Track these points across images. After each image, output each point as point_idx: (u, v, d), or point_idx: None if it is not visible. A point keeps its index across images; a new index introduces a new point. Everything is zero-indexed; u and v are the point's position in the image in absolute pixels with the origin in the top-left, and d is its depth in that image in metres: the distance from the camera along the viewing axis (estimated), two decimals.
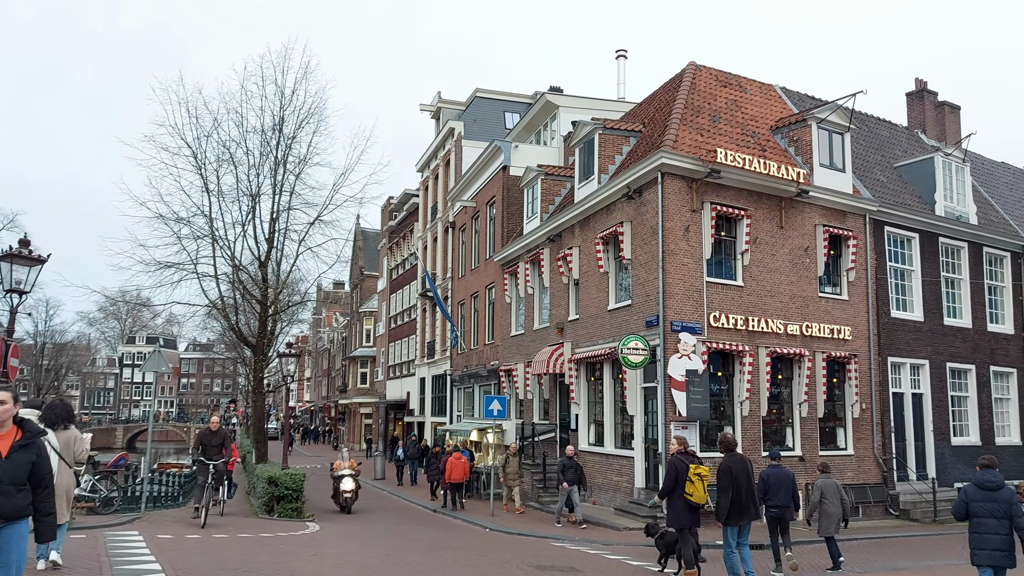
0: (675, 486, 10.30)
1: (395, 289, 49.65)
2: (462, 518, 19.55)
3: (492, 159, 30.05)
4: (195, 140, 27.13)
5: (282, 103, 28.22)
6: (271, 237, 28.42)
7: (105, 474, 14.44)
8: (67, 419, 8.70)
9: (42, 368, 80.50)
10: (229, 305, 29.11)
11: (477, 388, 31.49)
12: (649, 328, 17.97)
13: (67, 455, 8.57)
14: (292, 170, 28.60)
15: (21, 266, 12.45)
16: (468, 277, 33.40)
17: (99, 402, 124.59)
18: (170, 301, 27.07)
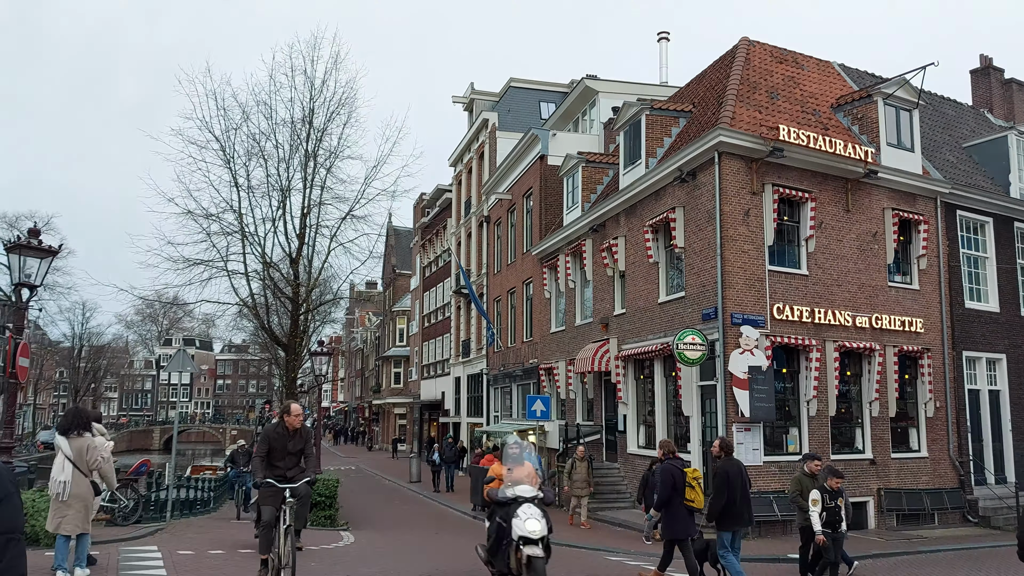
0: (673, 493, 9.89)
1: (428, 287, 48.66)
2: None
3: (529, 149, 28.81)
4: (223, 133, 26.31)
5: (312, 94, 27.25)
6: (302, 233, 27.47)
7: (125, 482, 13.43)
8: (81, 426, 8.25)
9: (80, 371, 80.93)
10: (260, 304, 28.23)
11: (515, 387, 30.29)
12: (706, 321, 16.59)
13: (81, 463, 8.10)
14: (323, 163, 27.63)
15: (31, 258, 11.50)
16: (504, 273, 32.20)
17: (137, 404, 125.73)
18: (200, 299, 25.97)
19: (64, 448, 8.06)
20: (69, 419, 8.35)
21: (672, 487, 9.88)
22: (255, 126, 27.50)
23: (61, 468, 8.07)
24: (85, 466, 8.15)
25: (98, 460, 8.32)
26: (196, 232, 26.15)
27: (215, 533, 13.47)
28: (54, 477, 8.09)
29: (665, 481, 9.97)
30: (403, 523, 18.72)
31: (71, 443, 8.13)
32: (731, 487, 9.63)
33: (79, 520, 8.13)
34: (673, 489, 9.87)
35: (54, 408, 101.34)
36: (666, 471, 10.03)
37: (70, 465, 8.05)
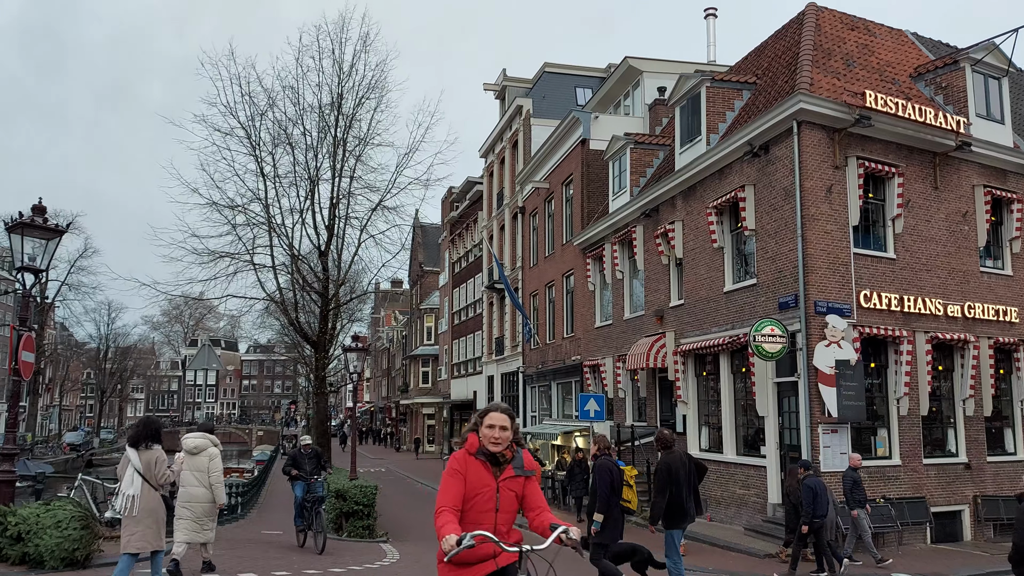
0: (611, 494, 8.86)
1: (458, 284, 47.22)
2: None
3: (568, 133, 27.21)
4: (248, 120, 25.02)
5: (340, 78, 25.87)
6: (331, 224, 26.12)
7: None
8: (151, 437, 7.87)
9: (106, 372, 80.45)
10: (288, 300, 26.92)
11: (555, 386, 28.71)
12: (784, 311, 14.91)
13: (150, 477, 7.74)
14: (352, 151, 26.28)
15: (35, 239, 10.12)
16: (541, 266, 30.63)
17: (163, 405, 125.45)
18: (226, 294, 24.68)
19: (134, 460, 7.69)
20: (139, 430, 7.94)
21: (610, 486, 8.82)
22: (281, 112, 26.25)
23: (130, 482, 7.70)
24: (154, 479, 7.79)
25: (168, 474, 7.94)
26: (221, 224, 24.86)
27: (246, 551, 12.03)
28: (122, 491, 7.74)
29: (603, 479, 8.85)
30: None
31: (141, 455, 7.73)
32: (676, 483, 9.06)
33: (150, 536, 7.68)
34: (611, 488, 8.82)
35: (80, 409, 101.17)
36: (604, 468, 8.94)
37: (139, 478, 7.67)
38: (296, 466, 13.73)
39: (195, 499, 9.08)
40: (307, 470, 13.64)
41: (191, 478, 9.15)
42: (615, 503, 8.90)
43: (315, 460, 14.02)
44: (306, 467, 13.70)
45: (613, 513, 8.83)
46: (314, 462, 13.93)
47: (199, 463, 9.22)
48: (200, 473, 9.14)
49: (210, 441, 9.41)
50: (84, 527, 9.32)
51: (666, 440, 9.71)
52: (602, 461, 9.09)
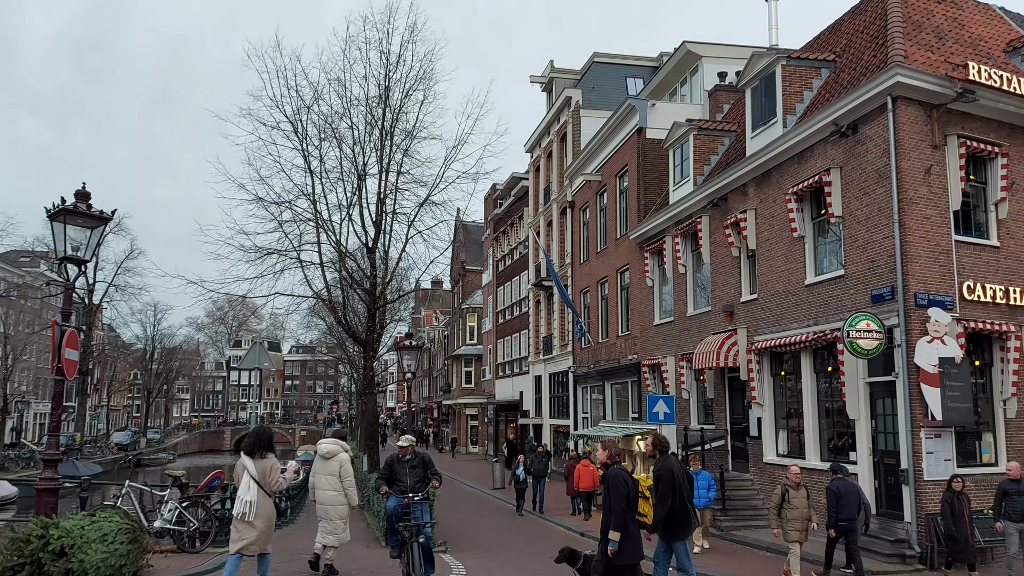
0: (627, 507, 7.84)
1: (502, 282, 46.30)
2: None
3: (623, 122, 26.09)
4: (295, 113, 24.38)
5: (387, 69, 25.11)
6: (378, 220, 25.38)
7: (194, 500, 11.23)
8: (265, 447, 8.34)
9: (152, 372, 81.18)
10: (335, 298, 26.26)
11: (608, 387, 27.61)
12: (878, 304, 13.66)
13: (265, 483, 8.18)
14: (399, 145, 25.51)
15: (79, 227, 9.38)
16: (593, 262, 29.54)
17: (208, 405, 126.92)
18: (273, 292, 24.00)
19: (249, 468, 8.13)
20: (253, 440, 8.37)
21: (627, 499, 7.76)
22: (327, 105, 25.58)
23: (247, 488, 8.10)
24: (268, 486, 8.19)
25: (280, 481, 8.31)
26: (268, 220, 24.25)
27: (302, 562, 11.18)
28: (240, 496, 8.14)
29: (618, 492, 7.74)
30: (509, 544, 16.22)
31: (256, 464, 8.18)
32: (677, 490, 8.66)
33: (263, 540, 8.19)
34: (628, 502, 7.79)
35: (128, 410, 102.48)
36: (618, 479, 7.84)
37: (255, 485, 8.07)
38: (391, 478, 10.37)
39: (327, 502, 9.47)
40: (407, 483, 10.19)
41: (323, 482, 9.53)
42: (631, 518, 7.90)
43: (419, 470, 10.44)
44: (406, 479, 10.25)
45: (630, 530, 7.85)
46: (417, 473, 10.38)
47: (331, 467, 9.62)
48: (332, 477, 9.52)
49: (341, 447, 9.75)
50: (132, 540, 8.55)
51: (664, 444, 9.27)
52: (614, 471, 8.01)
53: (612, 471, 7.99)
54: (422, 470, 10.38)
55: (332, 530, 9.45)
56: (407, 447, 10.54)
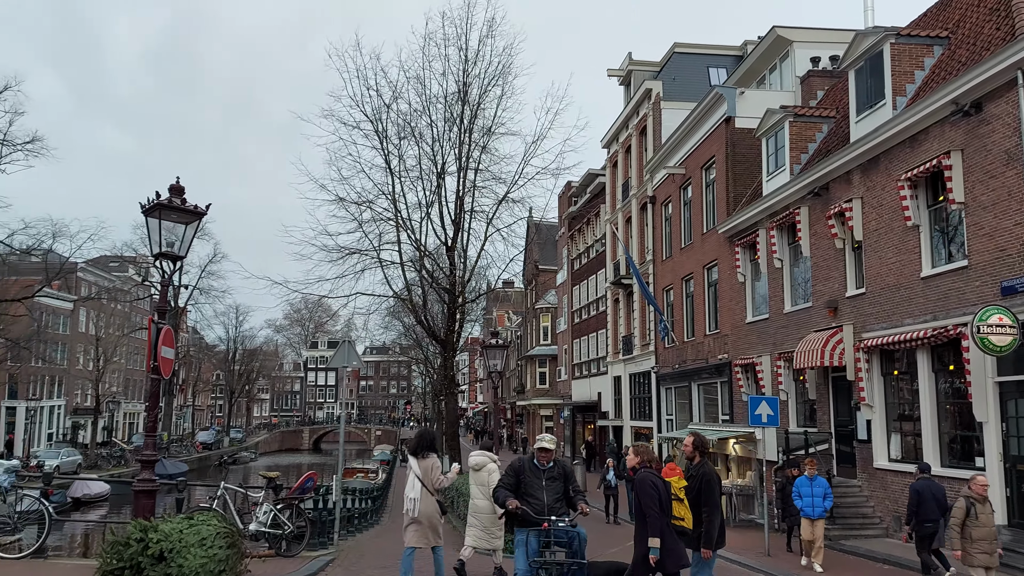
0: (661, 512, 7.27)
1: (578, 281, 45.59)
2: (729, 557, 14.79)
3: (709, 112, 25.10)
4: (375, 112, 24.33)
5: (465, 66, 24.88)
6: (457, 218, 25.13)
7: (289, 503, 10.97)
8: (428, 448, 8.97)
9: (234, 373, 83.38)
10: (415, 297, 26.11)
11: (695, 387, 26.63)
12: (1010, 296, 12.48)
13: (428, 482, 8.74)
14: (478, 141, 25.21)
15: (174, 222, 9.18)
16: (676, 258, 28.59)
17: (287, 405, 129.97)
18: (354, 292, 23.97)
19: (414, 468, 8.71)
20: (418, 442, 9.01)
21: (659, 502, 7.23)
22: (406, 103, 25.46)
23: (412, 486, 8.74)
24: (431, 484, 8.77)
25: (442, 479, 8.93)
26: (348, 220, 24.33)
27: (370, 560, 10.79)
28: (406, 495, 8.85)
29: (648, 495, 7.23)
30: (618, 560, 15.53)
31: (420, 463, 8.77)
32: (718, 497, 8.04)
33: (429, 535, 8.85)
34: (660, 506, 7.25)
35: (211, 409, 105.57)
36: (648, 483, 7.33)
37: (419, 483, 8.63)
38: (518, 488, 7.63)
39: (479, 510, 9.65)
40: (543, 500, 7.56)
41: (476, 491, 9.82)
42: (666, 523, 7.32)
43: (559, 484, 7.83)
44: (541, 494, 7.61)
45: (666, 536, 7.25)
46: (557, 487, 7.77)
47: (481, 478, 9.87)
48: (483, 487, 9.68)
49: (489, 458, 10.04)
50: (230, 545, 8.22)
51: (705, 444, 8.48)
52: (643, 474, 7.47)
53: (640, 474, 7.49)
54: (562, 484, 7.83)
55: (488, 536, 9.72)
56: (550, 451, 7.84)
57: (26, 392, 55.43)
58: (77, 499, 35.87)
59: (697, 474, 8.01)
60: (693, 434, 8.49)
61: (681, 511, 7.60)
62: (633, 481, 7.58)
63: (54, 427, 59.80)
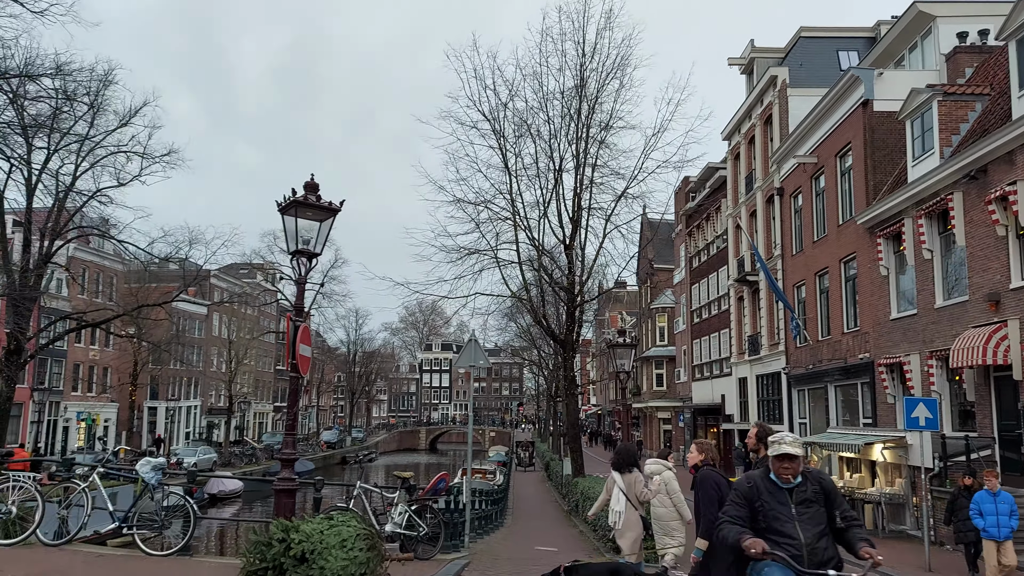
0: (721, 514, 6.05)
1: (697, 279, 44.19)
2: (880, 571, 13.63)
3: (844, 96, 23.58)
4: (491, 111, 24.19)
5: (582, 60, 24.36)
6: (575, 216, 24.64)
7: (423, 505, 10.77)
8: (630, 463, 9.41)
9: (354, 374, 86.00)
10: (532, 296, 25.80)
11: (832, 389, 25.06)
12: None
13: (631, 496, 9.19)
14: (595, 137, 24.64)
15: (309, 220, 9.12)
16: (808, 252, 27.04)
17: (404, 406, 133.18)
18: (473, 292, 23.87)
19: (618, 482, 9.21)
20: (621, 457, 9.52)
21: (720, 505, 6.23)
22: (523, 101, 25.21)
23: (617, 499, 9.29)
24: (634, 498, 9.22)
25: (644, 492, 9.23)
26: (465, 222, 24.31)
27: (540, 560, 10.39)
28: (611, 507, 9.50)
29: (709, 496, 6.70)
30: None
31: (624, 478, 9.23)
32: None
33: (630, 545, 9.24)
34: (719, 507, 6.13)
35: (334, 410, 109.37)
36: (711, 482, 6.83)
37: (623, 497, 9.14)
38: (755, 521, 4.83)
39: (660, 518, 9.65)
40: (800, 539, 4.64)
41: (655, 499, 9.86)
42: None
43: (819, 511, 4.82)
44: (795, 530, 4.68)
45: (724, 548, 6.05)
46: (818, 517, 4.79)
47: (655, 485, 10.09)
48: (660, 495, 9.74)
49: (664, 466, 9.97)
50: (370, 548, 8.02)
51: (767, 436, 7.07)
52: (706, 472, 7.07)
53: (703, 473, 7.09)
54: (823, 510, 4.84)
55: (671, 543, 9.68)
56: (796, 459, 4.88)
57: (166, 393, 58.92)
58: (213, 495, 37.60)
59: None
60: (758, 425, 7.77)
61: None
62: (694, 480, 6.99)
63: (191, 426, 63.31)
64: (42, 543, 8.50)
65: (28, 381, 40.14)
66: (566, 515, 23.79)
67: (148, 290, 40.37)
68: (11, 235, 26.54)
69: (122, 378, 51.25)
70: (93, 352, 50.63)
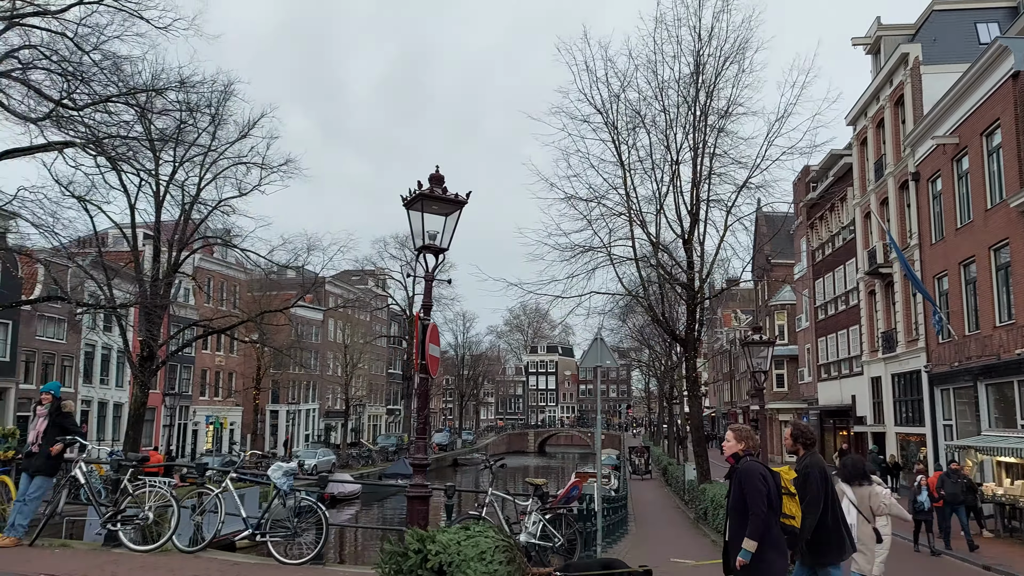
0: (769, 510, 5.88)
1: (821, 273, 41.89)
2: None
3: (990, 70, 21.55)
4: (603, 104, 23.42)
5: (699, 46, 23.26)
6: (694, 209, 23.54)
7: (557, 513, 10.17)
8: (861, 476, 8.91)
9: (463, 377, 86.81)
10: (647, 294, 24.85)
11: (983, 388, 22.93)
12: None
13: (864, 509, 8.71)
14: (714, 125, 23.47)
15: (435, 214, 8.70)
16: (951, 240, 24.93)
17: (511, 409, 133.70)
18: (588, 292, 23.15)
19: (848, 494, 8.64)
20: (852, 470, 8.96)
21: (767, 497, 5.94)
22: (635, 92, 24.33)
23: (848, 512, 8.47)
24: (868, 512, 8.73)
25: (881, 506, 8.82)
26: (576, 219, 23.65)
27: None
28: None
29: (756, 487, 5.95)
30: None
31: (855, 491, 8.74)
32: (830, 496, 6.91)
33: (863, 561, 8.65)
34: (769, 502, 5.95)
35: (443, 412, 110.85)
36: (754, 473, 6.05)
37: (855, 510, 8.63)
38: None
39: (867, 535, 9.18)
40: None
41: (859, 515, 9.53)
42: (774, 522, 5.99)
43: None
44: None
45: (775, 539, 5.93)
46: None
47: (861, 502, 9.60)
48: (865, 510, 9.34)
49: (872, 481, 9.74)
50: (509, 560, 7.48)
51: (808, 436, 7.35)
52: (750, 465, 6.13)
53: (746, 465, 6.16)
54: None
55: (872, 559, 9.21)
56: None
57: (286, 397, 60.97)
58: (333, 497, 38.35)
59: (800, 469, 6.97)
60: (792, 424, 7.48)
61: (792, 508, 6.36)
62: (734, 472, 6.20)
63: (309, 429, 65.30)
64: (178, 550, 8.41)
65: (160, 387, 42.17)
66: (692, 523, 22.73)
67: (269, 297, 41.73)
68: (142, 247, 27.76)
69: (246, 383, 53.30)
70: (219, 358, 52.92)
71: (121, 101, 18.92)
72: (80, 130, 17.90)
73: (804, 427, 7.57)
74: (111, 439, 41.12)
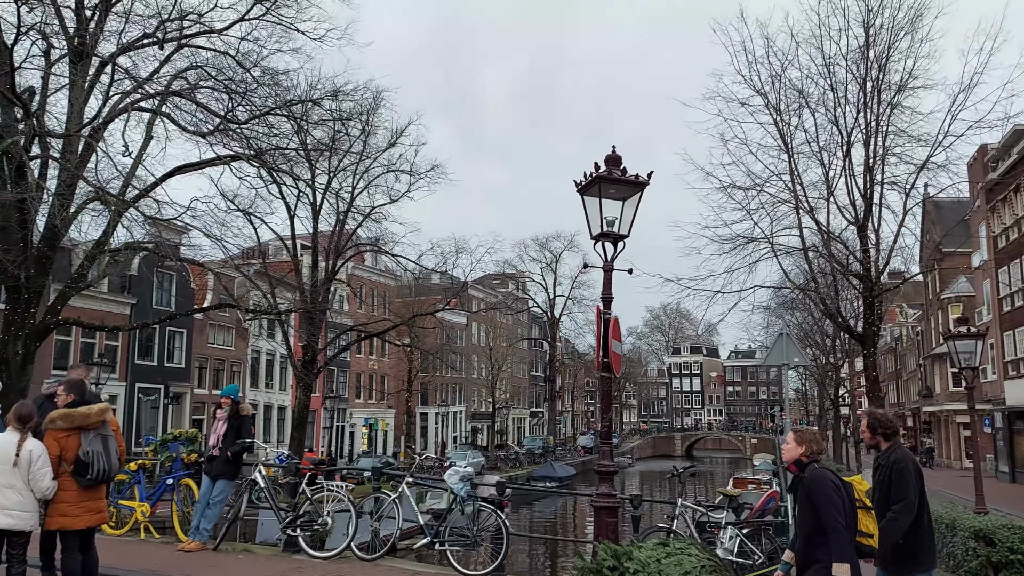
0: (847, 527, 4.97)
1: (1005, 261, 37.92)
2: None
3: None
4: (762, 85, 21.92)
5: (868, 17, 21.33)
6: (868, 193, 21.58)
7: (755, 527, 9.18)
8: None
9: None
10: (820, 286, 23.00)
11: None
12: None
13: None
14: (888, 100, 21.43)
15: (611, 199, 7.99)
16: None
17: (654, 411, 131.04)
18: (752, 286, 21.67)
19: None
20: None
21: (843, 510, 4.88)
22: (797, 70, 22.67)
23: None
24: None
25: None
26: (733, 209, 22.27)
27: None
28: None
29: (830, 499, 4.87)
30: None
31: None
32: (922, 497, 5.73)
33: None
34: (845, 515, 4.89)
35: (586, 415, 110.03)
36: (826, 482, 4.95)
37: None
38: None
39: None
40: None
41: None
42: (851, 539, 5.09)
43: None
44: None
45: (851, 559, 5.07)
46: None
47: None
48: None
49: None
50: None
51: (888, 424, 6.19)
52: (819, 473, 5.16)
53: (815, 474, 5.18)
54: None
55: None
56: None
57: (435, 399, 62.21)
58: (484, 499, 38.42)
59: (886, 463, 5.94)
60: (868, 412, 6.43)
61: (869, 524, 5.39)
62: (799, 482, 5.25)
63: (457, 431, 66.32)
64: (358, 557, 8.13)
65: (319, 390, 43.90)
66: None
67: (418, 302, 42.57)
68: (300, 256, 28.78)
69: (398, 385, 54.75)
70: (372, 362, 54.64)
71: (280, 113, 19.50)
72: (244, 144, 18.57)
73: (882, 415, 6.57)
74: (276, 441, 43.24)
